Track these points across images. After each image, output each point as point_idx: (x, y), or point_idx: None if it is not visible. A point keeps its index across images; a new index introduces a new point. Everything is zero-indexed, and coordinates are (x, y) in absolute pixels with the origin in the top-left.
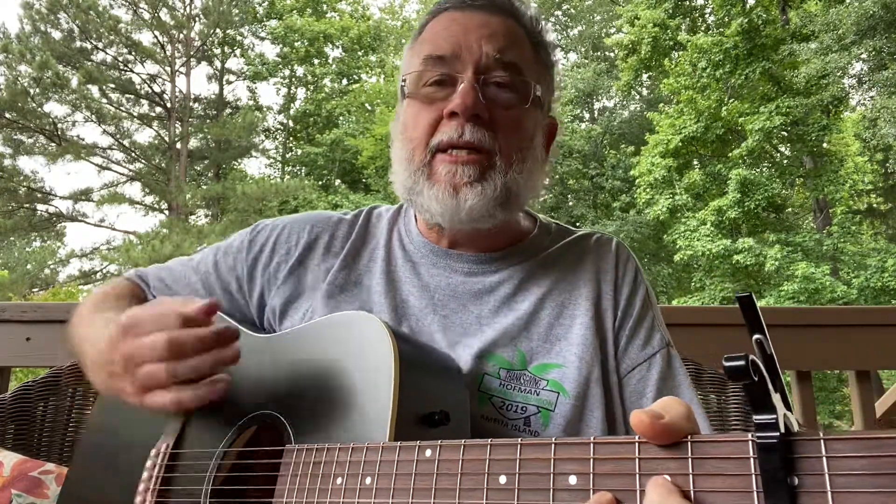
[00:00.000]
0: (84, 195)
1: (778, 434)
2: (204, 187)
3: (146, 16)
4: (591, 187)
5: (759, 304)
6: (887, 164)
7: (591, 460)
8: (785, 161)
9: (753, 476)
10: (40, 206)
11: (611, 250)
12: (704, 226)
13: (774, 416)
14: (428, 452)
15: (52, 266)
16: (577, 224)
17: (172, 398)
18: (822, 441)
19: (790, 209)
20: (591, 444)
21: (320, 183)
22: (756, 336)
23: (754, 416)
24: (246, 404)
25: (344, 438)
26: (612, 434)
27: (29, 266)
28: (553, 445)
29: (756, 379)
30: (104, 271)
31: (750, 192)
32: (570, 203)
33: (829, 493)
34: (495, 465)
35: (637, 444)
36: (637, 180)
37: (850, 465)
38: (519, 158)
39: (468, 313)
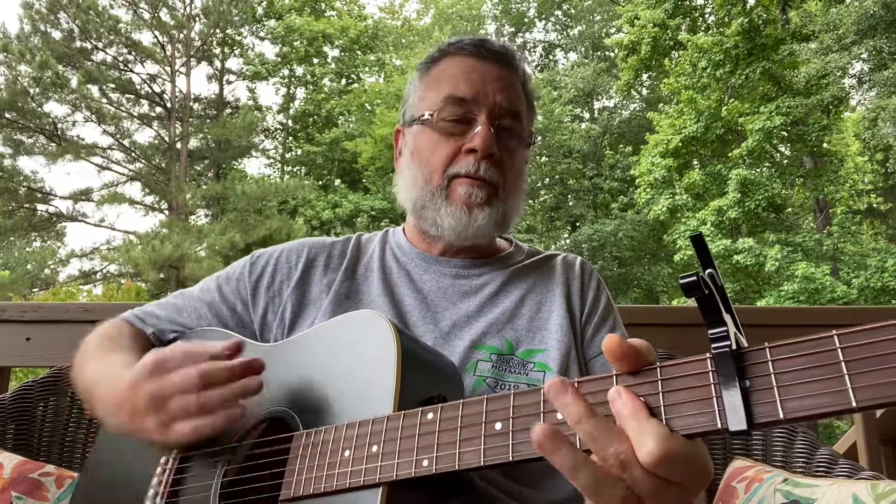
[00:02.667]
0: (84, 195)
1: (729, 343)
2: (204, 187)
3: (146, 16)
4: (590, 187)
5: (760, 303)
6: (887, 164)
7: (571, 384)
8: (785, 161)
9: (712, 385)
10: (40, 206)
11: (576, 265)
12: (704, 226)
13: (725, 328)
14: (430, 415)
15: (52, 266)
16: (577, 224)
17: (191, 427)
18: (767, 349)
19: (790, 209)
20: (576, 384)
21: (320, 183)
22: (708, 270)
23: (709, 331)
24: (258, 404)
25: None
26: None
27: (29, 266)
28: (542, 391)
29: (707, 293)
30: (104, 271)
31: (750, 192)
32: (570, 203)
33: (776, 389)
34: (491, 415)
35: (614, 376)
36: (637, 180)
37: (791, 364)
38: (515, 190)
39: (457, 310)
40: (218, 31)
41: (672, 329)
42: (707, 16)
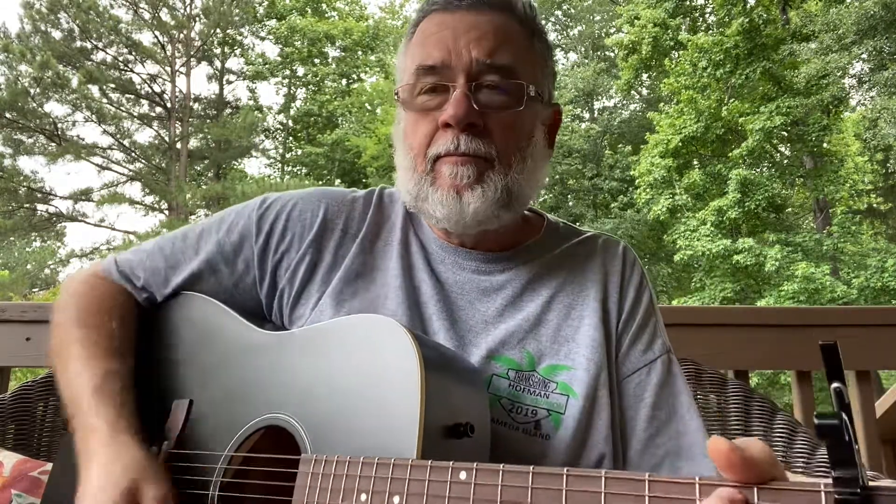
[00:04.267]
0: (84, 195)
1: (859, 489)
2: (204, 187)
3: (146, 16)
4: (590, 187)
5: (759, 303)
6: (887, 164)
7: (646, 498)
8: (785, 161)
9: None
10: (40, 206)
11: (618, 253)
12: (704, 226)
13: (856, 471)
14: (462, 475)
15: (52, 266)
16: (577, 223)
17: None
18: None
19: (790, 209)
20: (646, 482)
21: (320, 183)
22: (836, 385)
23: (834, 472)
24: (256, 405)
25: (366, 449)
26: (615, 436)
27: (29, 266)
28: (603, 479)
29: (847, 439)
30: None
31: (750, 192)
32: (570, 203)
33: None
34: (539, 496)
35: (697, 485)
36: (637, 180)
37: None
38: (519, 159)
39: (475, 311)
40: (218, 31)
41: (672, 329)
42: (707, 16)
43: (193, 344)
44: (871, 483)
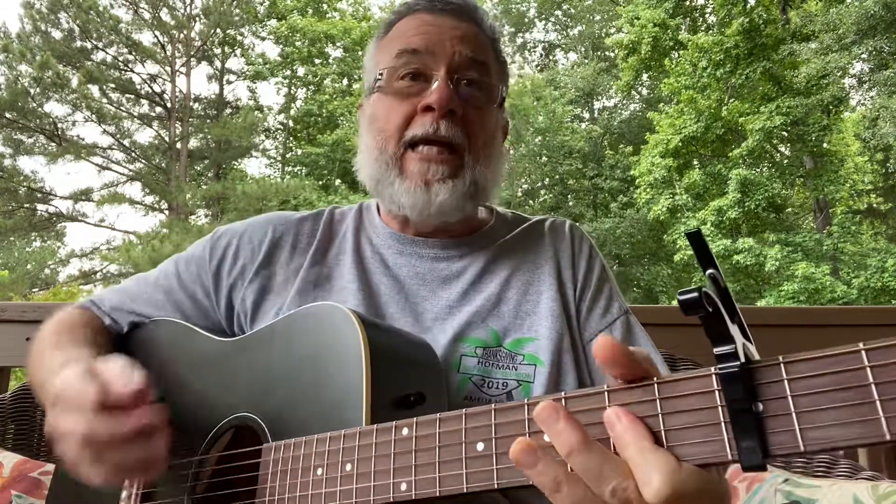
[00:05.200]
0: (84, 195)
1: (738, 363)
2: (204, 187)
3: (146, 16)
4: (590, 187)
5: (760, 304)
6: (887, 164)
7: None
8: (785, 161)
9: (719, 408)
10: (40, 206)
11: (565, 231)
12: (704, 226)
13: (733, 345)
14: (405, 431)
15: (52, 266)
16: (577, 223)
17: (85, 473)
18: (781, 365)
19: (790, 209)
20: (563, 399)
21: (320, 183)
22: (709, 271)
23: (714, 349)
24: (221, 409)
25: (321, 430)
26: None
27: (29, 266)
28: (525, 406)
29: (711, 310)
30: (104, 271)
31: (750, 192)
32: (570, 203)
33: (794, 415)
34: (472, 434)
35: (606, 392)
36: (637, 180)
37: (812, 385)
38: (485, 154)
39: (438, 299)
40: (218, 30)
41: (672, 329)
42: (707, 16)
43: (162, 363)
44: (754, 357)
